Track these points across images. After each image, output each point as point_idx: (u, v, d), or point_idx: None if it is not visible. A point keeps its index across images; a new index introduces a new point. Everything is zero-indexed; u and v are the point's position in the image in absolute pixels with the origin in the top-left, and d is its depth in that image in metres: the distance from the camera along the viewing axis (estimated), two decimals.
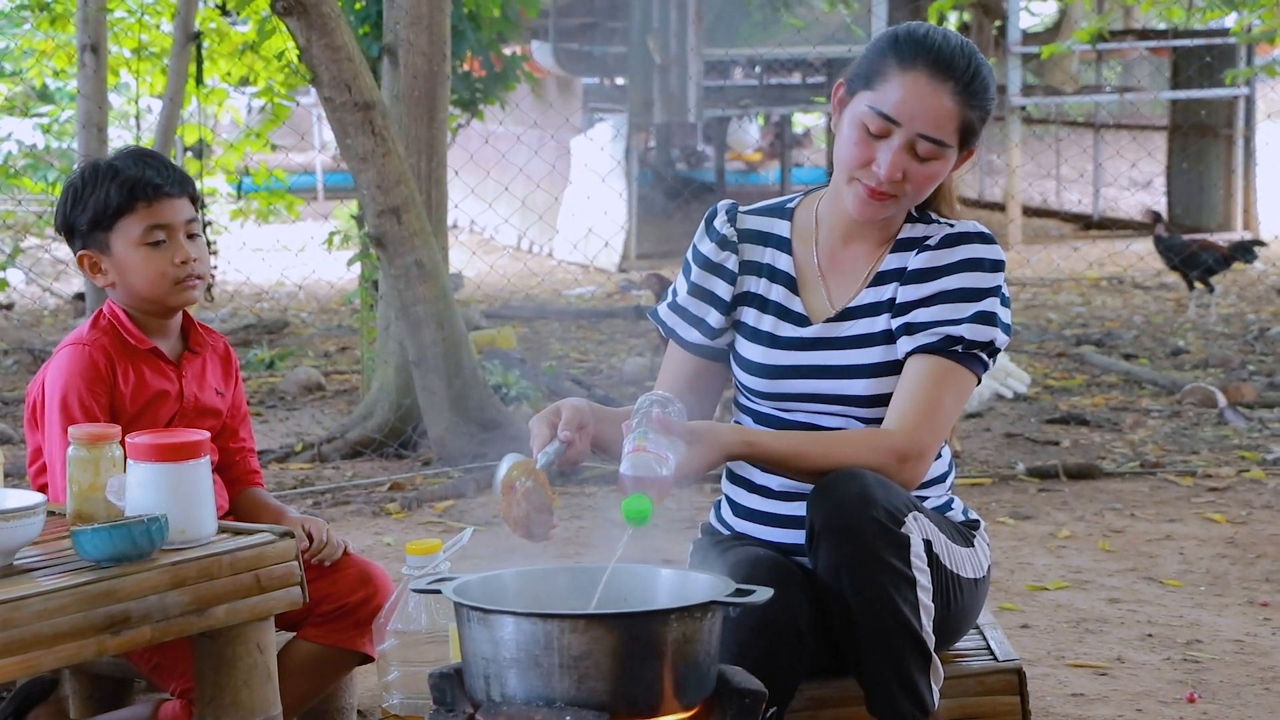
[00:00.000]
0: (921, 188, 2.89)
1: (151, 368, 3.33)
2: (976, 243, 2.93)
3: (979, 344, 2.88)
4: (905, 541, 2.74)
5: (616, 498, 2.65)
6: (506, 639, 2.49)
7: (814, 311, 2.98)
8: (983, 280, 2.90)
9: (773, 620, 2.73)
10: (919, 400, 2.86)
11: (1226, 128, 16.03)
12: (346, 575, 3.41)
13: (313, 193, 19.21)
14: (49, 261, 13.35)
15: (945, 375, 2.87)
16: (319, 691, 3.45)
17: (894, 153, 2.85)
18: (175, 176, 3.31)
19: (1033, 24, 21.59)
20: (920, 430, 2.84)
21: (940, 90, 2.85)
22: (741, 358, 3.01)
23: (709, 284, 3.03)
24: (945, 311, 2.88)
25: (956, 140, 2.88)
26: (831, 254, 3.00)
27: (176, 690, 3.21)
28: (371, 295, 7.57)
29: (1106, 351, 9.43)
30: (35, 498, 2.70)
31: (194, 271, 3.29)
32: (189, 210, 3.32)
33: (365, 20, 9.12)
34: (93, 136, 7.98)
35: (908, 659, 2.75)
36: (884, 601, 2.71)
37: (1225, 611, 4.68)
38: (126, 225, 3.27)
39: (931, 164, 2.87)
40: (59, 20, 10.26)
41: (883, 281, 2.96)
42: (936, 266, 2.91)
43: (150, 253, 3.27)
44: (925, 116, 2.85)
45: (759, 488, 3.02)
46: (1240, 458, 6.65)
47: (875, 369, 2.92)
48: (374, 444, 6.90)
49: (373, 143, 6.31)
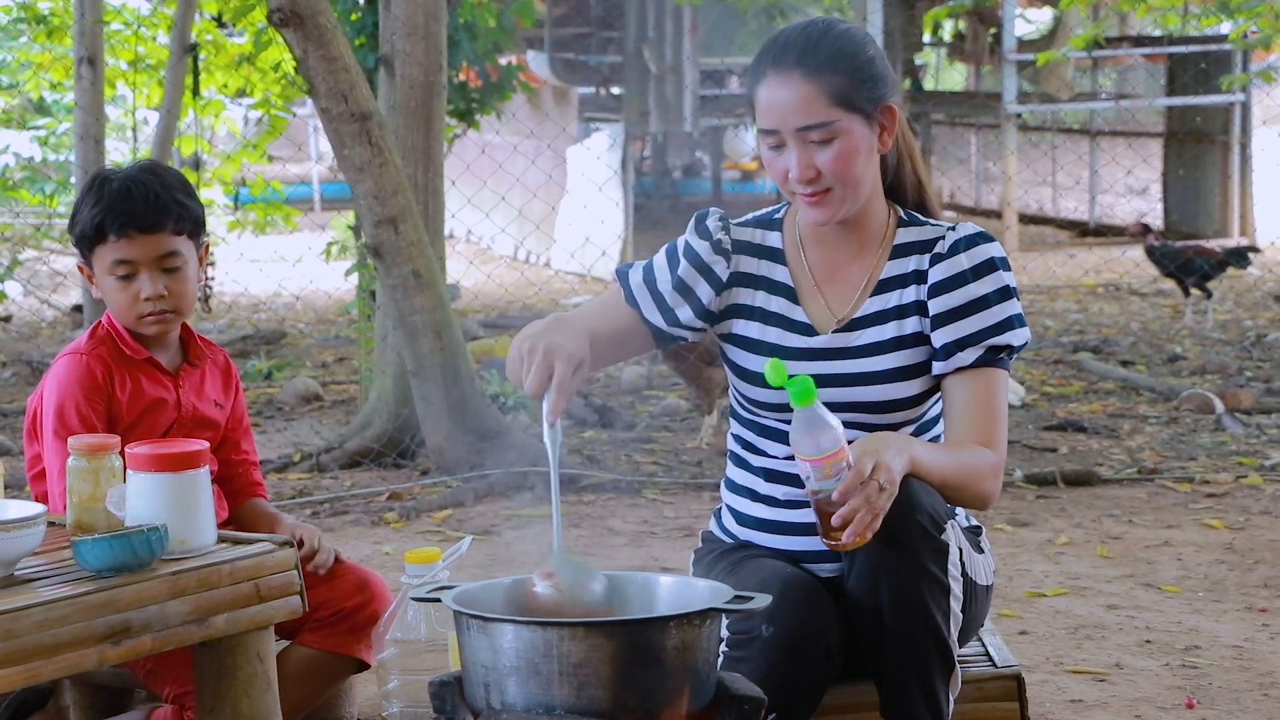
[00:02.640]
0: (844, 173, 2.87)
1: (149, 377, 3.34)
2: (983, 243, 2.95)
3: (1016, 347, 2.93)
4: (945, 548, 2.75)
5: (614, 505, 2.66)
6: (506, 647, 2.49)
7: (817, 321, 2.98)
8: (1003, 280, 2.93)
9: (803, 640, 2.74)
10: (987, 415, 2.90)
11: (1222, 134, 16.03)
12: (344, 581, 3.42)
13: (309, 203, 19.22)
14: (47, 274, 13.35)
15: (996, 384, 2.92)
16: (316, 698, 3.45)
17: (794, 156, 2.86)
18: (156, 210, 3.26)
19: (1028, 31, 21.60)
20: (1002, 443, 2.90)
21: (788, 79, 2.85)
22: (743, 370, 3.00)
23: (694, 283, 3.01)
24: (982, 320, 2.90)
25: (840, 112, 2.85)
26: (823, 264, 3.00)
27: (170, 695, 3.21)
28: (369, 305, 7.57)
29: (1104, 358, 9.44)
30: (36, 508, 2.71)
31: (162, 307, 3.28)
32: (165, 245, 3.28)
33: (361, 31, 9.13)
34: (90, 149, 7.99)
35: (933, 667, 2.75)
36: (919, 608, 2.72)
37: (1223, 617, 4.68)
38: (101, 253, 3.30)
39: (835, 145, 2.86)
40: (56, 33, 10.27)
41: (886, 289, 2.96)
42: (959, 274, 2.92)
43: (118, 284, 3.29)
44: (789, 110, 2.85)
45: (764, 497, 3.02)
46: (1238, 464, 6.65)
47: (890, 374, 2.93)
48: (372, 454, 6.91)
49: (369, 153, 6.32)
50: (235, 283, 12.59)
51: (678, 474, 6.65)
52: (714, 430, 7.05)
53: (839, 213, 2.91)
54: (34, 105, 12.89)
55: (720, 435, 6.89)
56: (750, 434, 3.04)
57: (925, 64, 22.70)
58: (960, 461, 2.83)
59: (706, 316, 3.03)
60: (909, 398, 2.94)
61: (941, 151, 20.18)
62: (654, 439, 7.37)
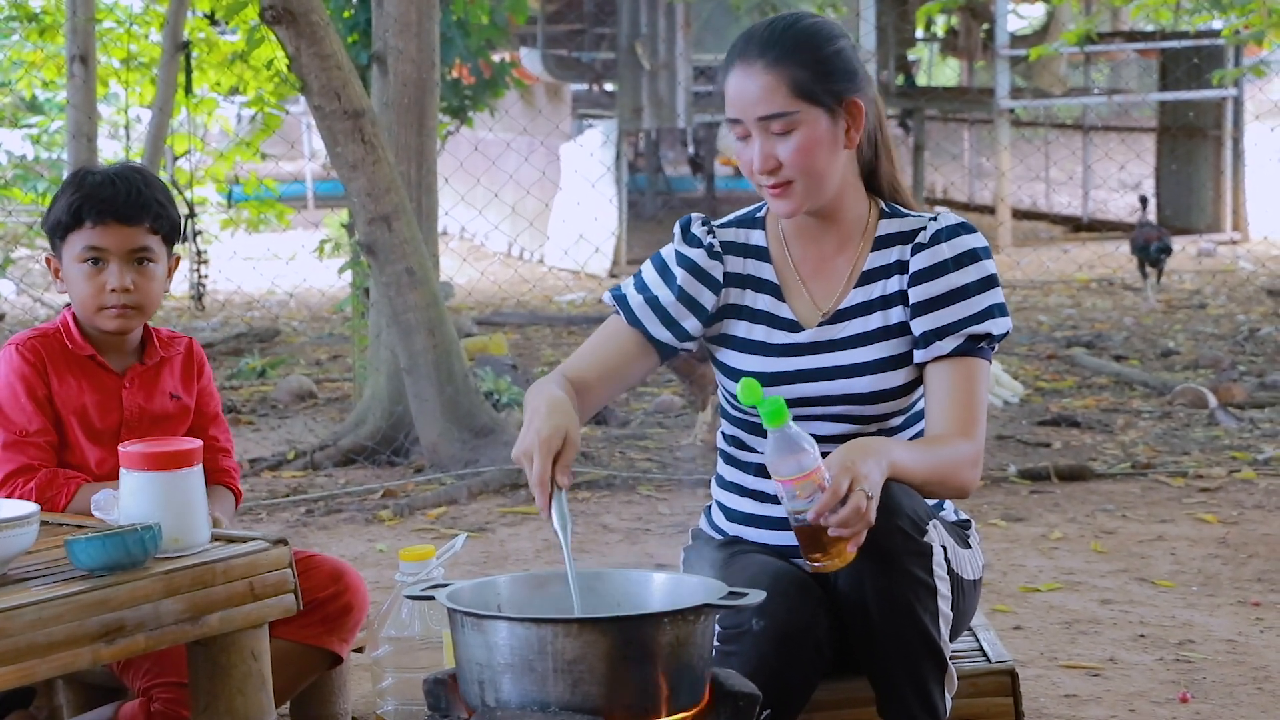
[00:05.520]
0: (805, 164, 2.88)
1: (88, 376, 3.30)
2: (965, 234, 2.95)
3: (996, 336, 2.93)
4: (928, 551, 2.75)
5: (609, 502, 2.66)
6: (500, 644, 2.49)
7: (802, 316, 2.99)
8: (985, 270, 2.94)
9: (793, 633, 2.75)
10: (966, 404, 2.90)
11: (1215, 129, 16.05)
12: (318, 572, 3.39)
13: (303, 201, 19.22)
14: (39, 272, 13.33)
15: (976, 373, 2.92)
16: (290, 691, 3.42)
17: (756, 146, 2.89)
18: (137, 203, 3.26)
19: (1021, 27, 21.61)
20: (979, 433, 2.90)
21: (751, 69, 2.88)
22: (732, 369, 3.00)
23: (696, 292, 3.01)
24: (962, 309, 2.91)
25: (801, 103, 2.86)
26: (807, 258, 3.01)
27: (139, 688, 3.20)
28: (363, 303, 7.57)
29: (1097, 353, 9.45)
30: (29, 507, 2.71)
31: (126, 301, 3.27)
32: (139, 239, 3.27)
33: (354, 28, 9.12)
34: (82, 147, 7.97)
35: (925, 668, 2.76)
36: (907, 612, 2.73)
37: (1217, 611, 4.69)
38: (72, 240, 3.28)
39: (796, 137, 2.87)
40: (48, 31, 10.26)
41: (870, 280, 2.97)
42: (940, 263, 2.92)
43: (86, 271, 3.27)
44: (751, 100, 2.87)
45: (753, 492, 3.03)
46: (1231, 458, 6.66)
47: (878, 365, 2.94)
48: (366, 451, 6.91)
49: (363, 150, 6.32)
50: (229, 281, 12.58)
51: (672, 470, 6.65)
52: (708, 426, 7.06)
53: (802, 204, 2.92)
54: (26, 103, 12.88)
55: (714, 432, 6.89)
56: (741, 432, 3.05)
57: (918, 59, 22.71)
58: (938, 457, 2.84)
59: (709, 322, 3.03)
60: (896, 388, 2.94)
61: (935, 147, 20.18)
62: (648, 435, 7.37)
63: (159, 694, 3.14)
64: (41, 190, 11.73)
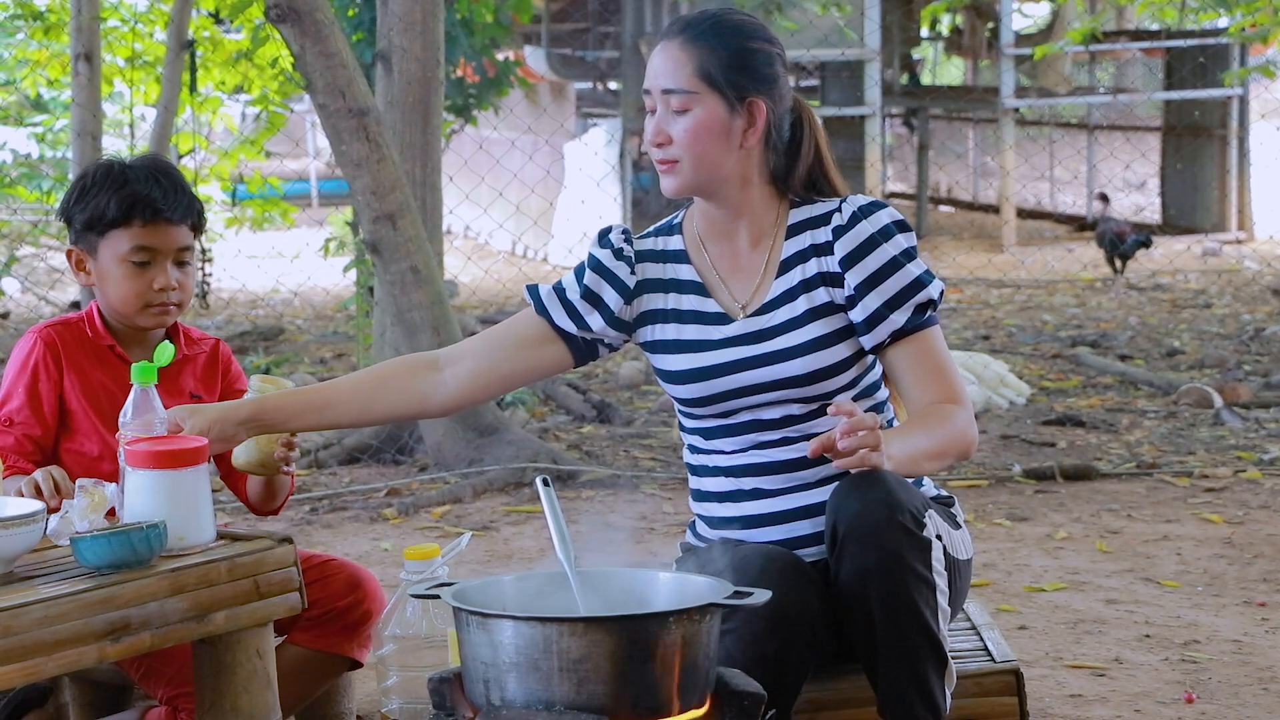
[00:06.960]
0: (692, 144, 2.94)
1: (106, 367, 3.29)
2: (879, 210, 3.01)
3: (937, 300, 2.99)
4: (928, 545, 2.77)
5: (611, 500, 2.67)
6: (505, 643, 2.49)
7: (730, 310, 3.04)
8: (910, 239, 3.00)
9: (787, 615, 2.75)
10: (939, 371, 2.98)
11: (1220, 128, 16.04)
12: (337, 579, 3.39)
13: (307, 199, 19.22)
14: (44, 270, 13.35)
15: (934, 341, 3.00)
16: (308, 696, 3.44)
17: (654, 118, 2.98)
18: (182, 203, 3.27)
19: (1026, 25, 21.62)
20: (962, 393, 2.98)
21: (669, 46, 2.97)
22: (669, 373, 3.05)
23: (600, 289, 3.07)
24: (901, 279, 2.96)
25: (701, 85, 2.93)
26: (724, 255, 3.06)
27: (164, 696, 3.20)
28: (367, 301, 7.57)
29: (1102, 353, 9.44)
30: (35, 505, 2.71)
31: (170, 299, 3.27)
32: (184, 238, 3.28)
33: (359, 27, 9.14)
34: (87, 145, 7.98)
35: (925, 663, 2.77)
36: (908, 608, 2.74)
37: (1223, 611, 4.69)
38: (117, 237, 3.25)
39: (690, 117, 2.94)
40: (53, 29, 10.28)
41: (789, 268, 3.02)
42: (868, 239, 2.97)
43: (132, 270, 3.25)
44: (659, 72, 2.97)
45: (729, 494, 3.05)
46: (1236, 458, 6.66)
47: (809, 346, 2.97)
48: (371, 450, 6.91)
49: (367, 149, 6.32)
50: (233, 279, 12.59)
51: (676, 469, 6.65)
52: None
53: (682, 186, 2.99)
54: (31, 102, 12.89)
55: None
56: (698, 439, 3.08)
57: (923, 58, 22.72)
58: (933, 431, 2.89)
59: (619, 325, 3.08)
60: (832, 365, 2.97)
61: (939, 146, 20.19)
62: (652, 434, 7.37)
63: (184, 704, 3.13)
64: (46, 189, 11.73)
